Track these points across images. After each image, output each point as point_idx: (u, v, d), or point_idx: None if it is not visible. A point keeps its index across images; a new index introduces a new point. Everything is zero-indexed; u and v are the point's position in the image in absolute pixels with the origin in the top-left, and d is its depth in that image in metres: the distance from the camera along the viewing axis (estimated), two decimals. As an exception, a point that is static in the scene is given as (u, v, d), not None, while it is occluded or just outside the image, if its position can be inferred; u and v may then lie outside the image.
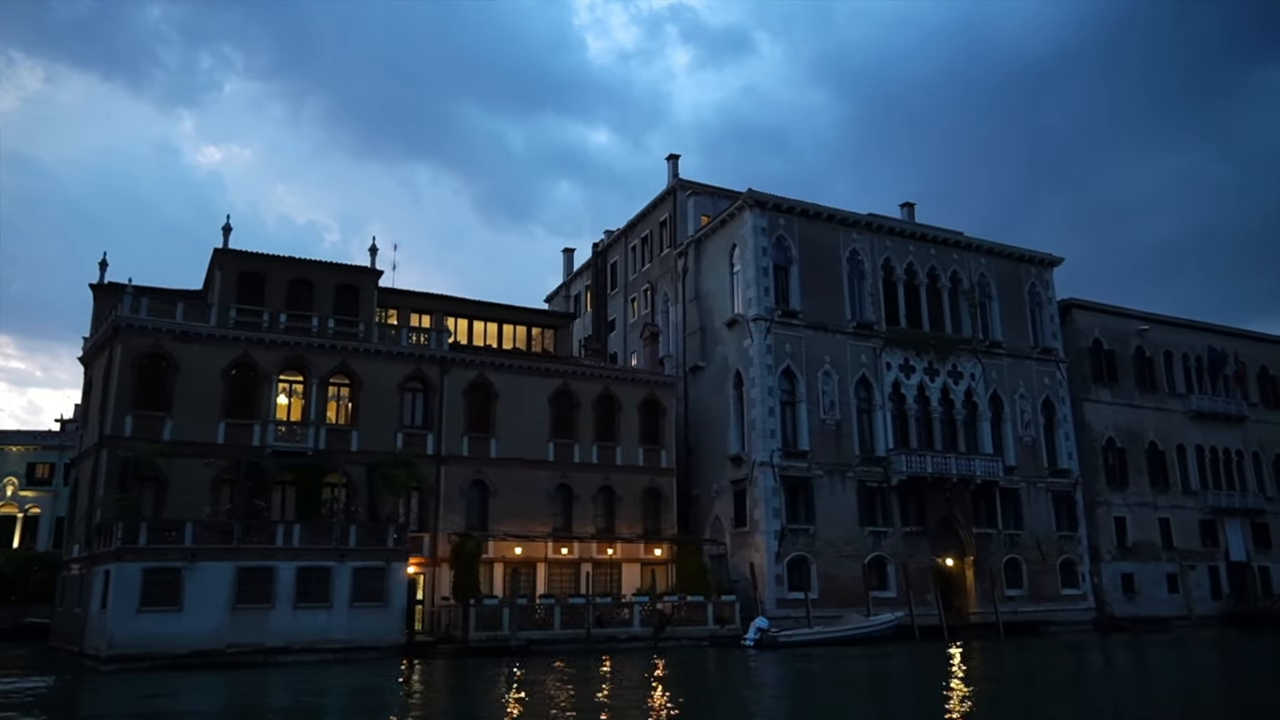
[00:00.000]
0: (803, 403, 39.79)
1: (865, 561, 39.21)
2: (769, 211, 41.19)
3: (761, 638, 33.91)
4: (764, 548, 37.54)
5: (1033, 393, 46.02)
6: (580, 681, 24.45)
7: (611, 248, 55.26)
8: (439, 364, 37.39)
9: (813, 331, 40.82)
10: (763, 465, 38.26)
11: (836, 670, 28.45)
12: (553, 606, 33.60)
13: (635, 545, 39.47)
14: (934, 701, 21.32)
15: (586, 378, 40.25)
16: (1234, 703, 21.39)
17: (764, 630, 34.11)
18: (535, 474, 38.29)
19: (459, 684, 24.50)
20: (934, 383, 43.20)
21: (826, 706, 20.57)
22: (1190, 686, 24.67)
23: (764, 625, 34.30)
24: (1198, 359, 53.08)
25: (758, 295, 40.06)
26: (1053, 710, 19.99)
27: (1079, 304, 49.86)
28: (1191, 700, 21.47)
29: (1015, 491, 43.99)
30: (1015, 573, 43.18)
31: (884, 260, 43.57)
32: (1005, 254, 47.20)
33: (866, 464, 40.45)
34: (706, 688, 23.45)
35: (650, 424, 41.39)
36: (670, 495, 41.08)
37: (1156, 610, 46.78)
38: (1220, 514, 50.94)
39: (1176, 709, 20.28)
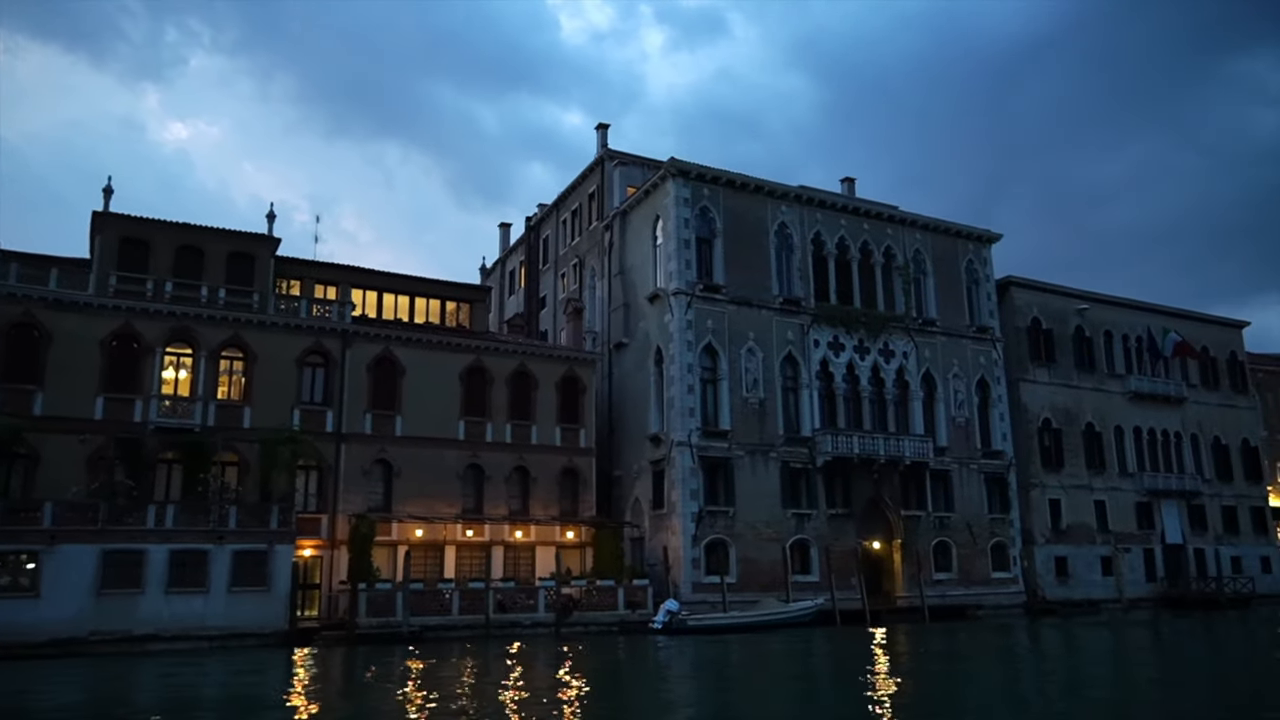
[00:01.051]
0: (724, 380, 38.40)
1: (787, 545, 38.01)
2: (692, 181, 39.63)
3: (670, 622, 32.64)
4: (680, 530, 36.21)
5: (967, 372, 44.96)
6: (451, 670, 22.98)
7: (544, 222, 53.57)
8: (341, 337, 35.59)
9: (736, 307, 39.39)
10: (681, 445, 36.88)
11: (739, 655, 27.27)
12: (451, 591, 32.09)
13: (550, 528, 38.02)
14: (830, 688, 20.15)
15: (501, 353, 38.59)
16: (1124, 682, 20.34)
17: (673, 614, 32.84)
18: (444, 453, 36.65)
19: (323, 673, 22.95)
20: (864, 361, 41.97)
21: (709, 693, 19.26)
22: (1092, 668, 23.64)
23: (673, 609, 33.02)
24: (1138, 339, 52.30)
25: (678, 268, 38.55)
26: (951, 692, 18.85)
27: (1018, 282, 48.83)
28: (1076, 679, 20.38)
29: (946, 473, 42.97)
30: (945, 556, 42.22)
31: (814, 234, 42.18)
32: (942, 229, 45.99)
33: (791, 444, 39.18)
34: (591, 673, 22.04)
35: (569, 402, 39.85)
36: (589, 476, 39.62)
37: (1090, 593, 46.11)
38: (1157, 496, 50.32)
39: (1068, 688, 19.16)
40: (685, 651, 28.08)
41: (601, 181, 46.13)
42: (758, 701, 18.01)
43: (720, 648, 29.04)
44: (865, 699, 17.66)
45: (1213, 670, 24.03)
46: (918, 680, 21.56)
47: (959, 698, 19.07)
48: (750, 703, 18.09)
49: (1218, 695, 18.92)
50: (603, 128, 47.15)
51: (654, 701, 18.71)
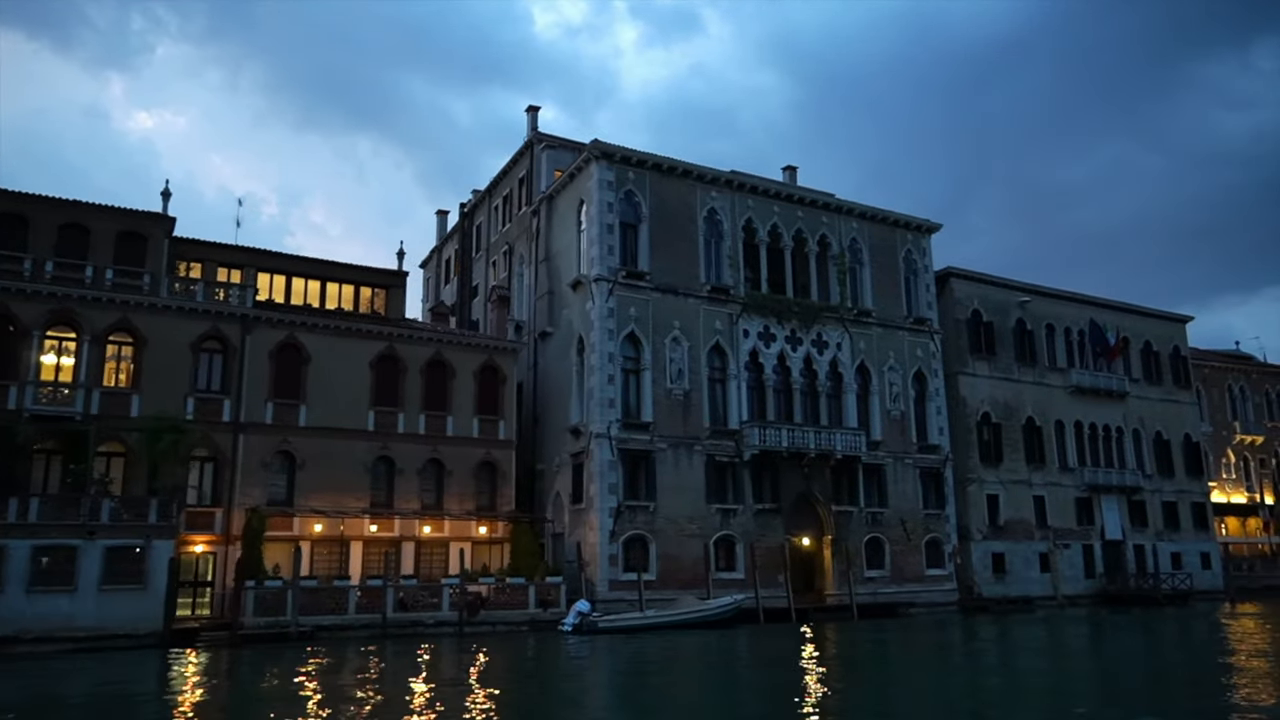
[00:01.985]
0: (647, 371, 37.04)
1: (711, 541, 36.75)
2: (617, 164, 38.21)
3: (581, 622, 31.25)
4: (598, 526, 34.82)
5: (904, 364, 43.92)
6: (327, 673, 21.42)
7: (478, 208, 51.96)
8: (241, 322, 33.81)
9: (662, 294, 38.04)
10: (599, 437, 35.48)
11: (647, 656, 25.96)
12: (347, 589, 30.49)
13: (466, 523, 36.50)
14: (730, 687, 18.88)
15: (415, 341, 36.98)
16: (1029, 678, 19.26)
17: (584, 614, 31.46)
18: (352, 444, 35.01)
19: (182, 677, 21.31)
20: (796, 352, 40.79)
21: (598, 696, 17.89)
22: (1009, 664, 22.59)
23: (584, 609, 31.64)
24: (1080, 332, 51.61)
25: (600, 254, 37.13)
26: (845, 690, 17.61)
27: (958, 273, 47.91)
28: (986, 676, 19.27)
29: (880, 467, 41.91)
30: (877, 552, 41.17)
31: (746, 221, 40.91)
32: (880, 218, 44.91)
33: (717, 437, 37.90)
34: (472, 677, 20.58)
35: (488, 393, 38.31)
36: (508, 469, 38.13)
37: (1027, 590, 45.29)
38: (1097, 491, 49.66)
39: (962, 687, 18.03)
40: (589, 653, 26.75)
41: (531, 166, 44.64)
42: (640, 706, 16.70)
43: (629, 648, 27.73)
44: (753, 699, 16.41)
45: (1110, 668, 23.05)
46: (812, 678, 20.35)
47: (847, 695, 17.86)
48: (630, 708, 16.77)
49: (1101, 692, 17.84)
50: (533, 110, 45.62)
51: (524, 708, 17.30)
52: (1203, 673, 22.09)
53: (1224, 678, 20.69)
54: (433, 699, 17.49)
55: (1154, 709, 16.65)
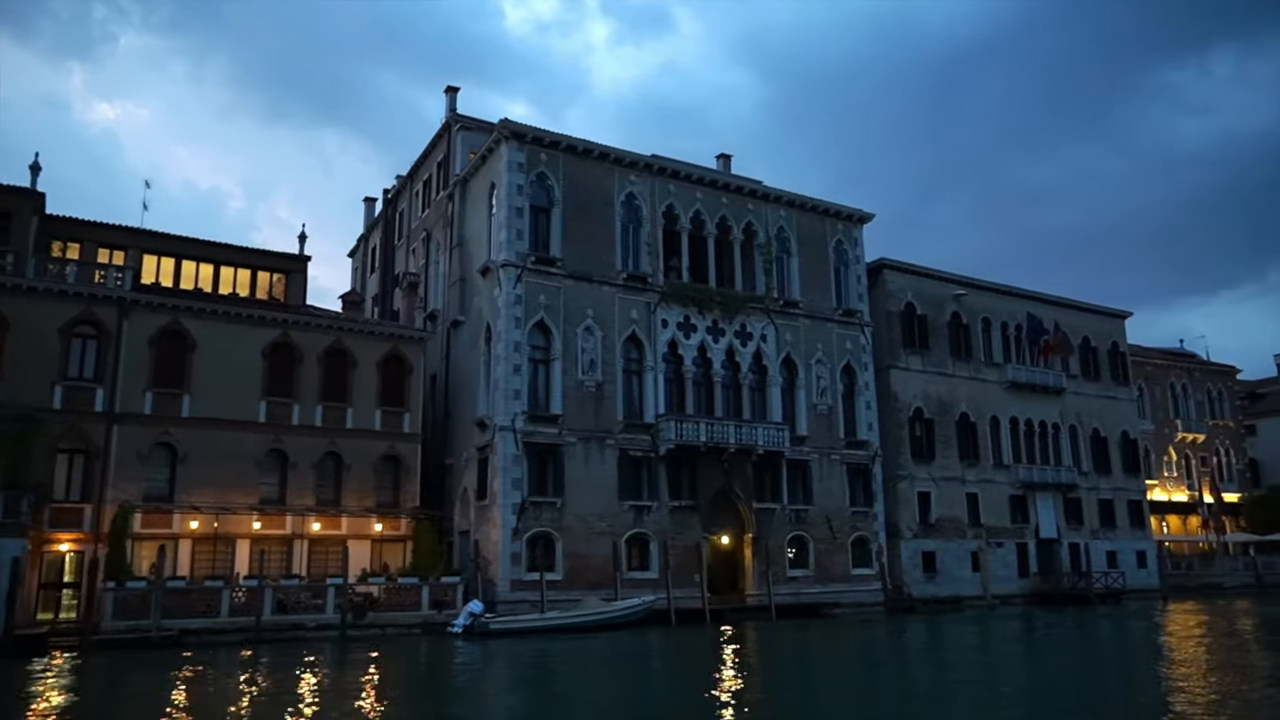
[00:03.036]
0: (557, 361, 35.41)
1: (623, 539, 35.21)
2: (529, 145, 36.53)
3: (473, 624, 29.58)
4: (500, 523, 33.13)
5: (832, 357, 42.64)
6: (161, 683, 19.59)
7: (401, 194, 50.05)
8: (118, 306, 31.73)
9: (574, 282, 36.41)
10: (503, 430, 33.80)
11: (537, 660, 24.45)
12: (220, 590, 28.56)
13: (365, 520, 34.68)
14: (608, 694, 17.30)
15: (312, 329, 35.07)
16: (907, 681, 17.91)
17: (476, 616, 29.78)
18: (241, 437, 33.05)
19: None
20: (718, 343, 39.34)
21: (453, 708, 16.21)
22: (894, 663, 21.26)
23: (476, 610, 29.96)
24: (1017, 327, 50.67)
25: (509, 239, 35.44)
26: (725, 692, 16.15)
27: (891, 265, 46.73)
28: (865, 676, 17.88)
29: (805, 463, 40.58)
30: (801, 551, 39.86)
31: (666, 207, 39.39)
32: (809, 207, 43.59)
33: (631, 431, 36.34)
34: (306, 687, 18.84)
35: (393, 384, 36.49)
36: (413, 464, 36.34)
37: (959, 590, 44.20)
38: (1032, 489, 48.73)
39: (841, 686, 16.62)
40: (473, 657, 25.15)
41: (448, 149, 42.83)
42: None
43: (521, 652, 26.13)
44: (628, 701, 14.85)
45: (1015, 669, 21.79)
46: (699, 679, 18.91)
47: (732, 698, 16.37)
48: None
49: (972, 695, 16.52)
50: (451, 91, 43.80)
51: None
52: (1106, 672, 20.88)
53: (1128, 676, 19.48)
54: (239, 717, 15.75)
55: (1044, 710, 15.34)
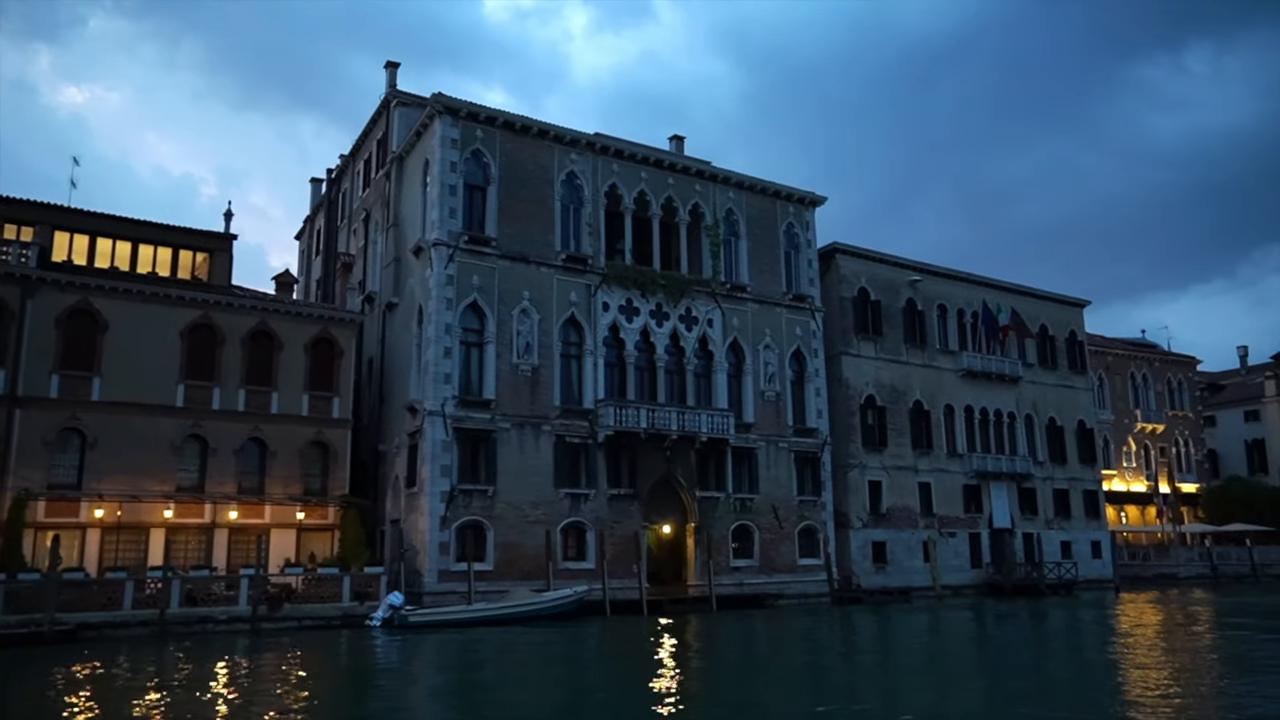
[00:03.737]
0: (491, 344, 34.22)
1: (558, 528, 34.14)
2: (463, 121, 35.23)
3: (392, 617, 28.43)
4: (428, 511, 31.96)
5: (781, 343, 41.68)
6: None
7: (344, 174, 48.54)
8: (21, 284, 30.21)
9: (511, 262, 35.21)
10: (433, 415, 32.59)
11: (457, 653, 23.50)
12: (123, 581, 27.21)
13: (290, 508, 33.42)
14: (516, 688, 16.24)
15: (235, 310, 33.67)
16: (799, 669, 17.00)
17: (395, 607, 28.63)
18: (157, 422, 31.65)
19: None
20: (662, 328, 38.27)
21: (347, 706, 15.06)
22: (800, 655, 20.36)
23: (396, 602, 28.82)
24: (974, 314, 49.94)
25: (441, 217, 34.17)
26: (626, 684, 15.15)
27: (845, 249, 45.81)
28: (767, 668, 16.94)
29: (751, 451, 39.63)
30: (746, 541, 38.95)
31: (609, 187, 38.23)
32: (759, 189, 42.54)
33: (569, 417, 35.25)
34: (207, 686, 17.65)
35: (322, 367, 35.17)
36: (343, 450, 35.08)
37: (910, 581, 43.49)
38: (986, 478, 48.09)
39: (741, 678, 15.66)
40: (389, 651, 24.07)
41: (387, 126, 41.42)
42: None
43: (441, 645, 25.12)
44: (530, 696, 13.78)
45: (940, 660, 20.96)
46: (617, 672, 17.87)
47: (648, 689, 15.37)
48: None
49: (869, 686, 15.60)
50: (392, 66, 42.37)
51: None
52: (1033, 662, 20.09)
53: (1055, 668, 18.66)
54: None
55: (954, 700, 14.42)
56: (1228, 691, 16.49)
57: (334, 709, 16.02)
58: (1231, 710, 14.55)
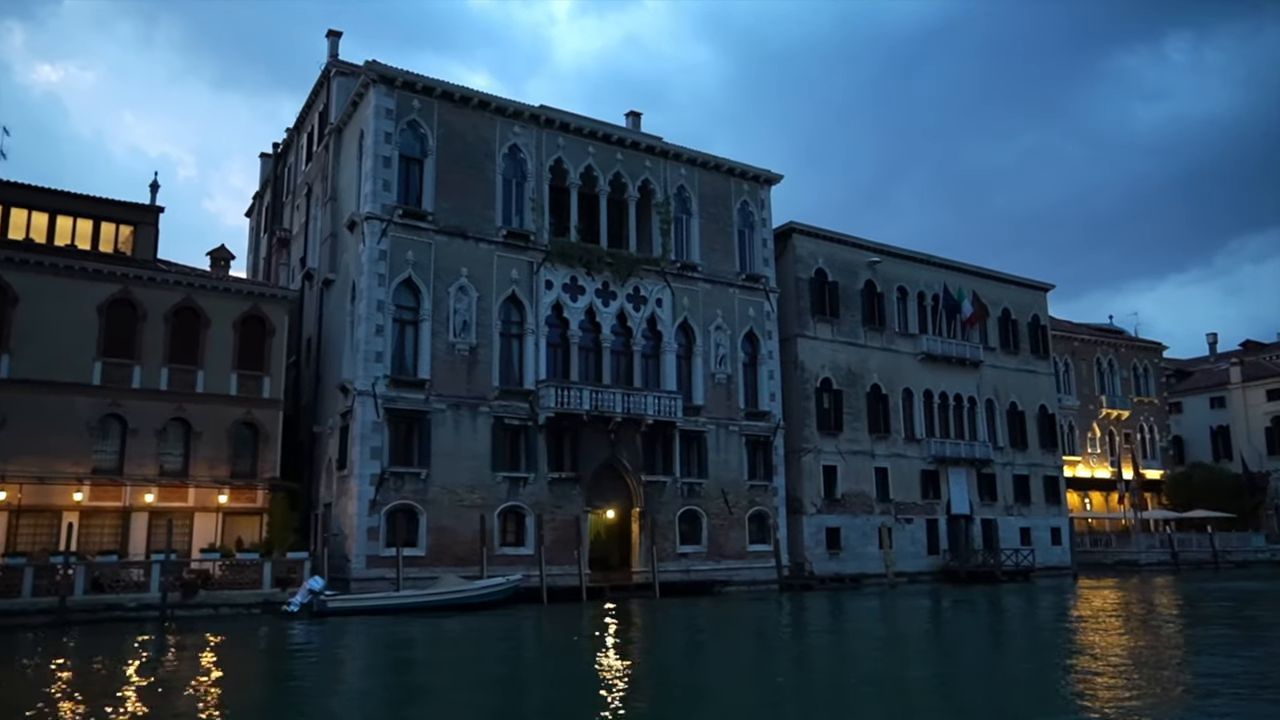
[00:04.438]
0: (427, 322, 33.00)
1: (496, 513, 33.07)
2: (399, 90, 33.87)
3: (311, 603, 27.32)
4: (357, 494, 30.80)
5: (733, 324, 40.67)
6: None
7: (289, 148, 47.02)
8: (-77, 255, 28.78)
9: (448, 238, 33.96)
10: (363, 395, 31.38)
11: (371, 642, 22.41)
12: (21, 568, 25.94)
13: (216, 491, 32.17)
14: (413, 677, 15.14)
15: (158, 285, 32.32)
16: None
17: (315, 594, 27.51)
18: (71, 401, 30.31)
19: None
20: (608, 307, 37.16)
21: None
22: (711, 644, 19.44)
23: (315, 588, 27.69)
24: (934, 297, 49.08)
25: (374, 190, 32.86)
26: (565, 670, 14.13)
27: (801, 229, 44.78)
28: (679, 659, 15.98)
29: (700, 435, 38.65)
30: (694, 526, 38.02)
31: (555, 161, 36.99)
32: (712, 166, 41.41)
33: (508, 398, 34.11)
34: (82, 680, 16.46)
35: (252, 345, 33.91)
36: (273, 432, 33.86)
37: (865, 567, 42.73)
38: (944, 464, 47.35)
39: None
40: (300, 639, 23.02)
41: (327, 97, 39.96)
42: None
43: (362, 633, 24.07)
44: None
45: (869, 645, 20.07)
46: (542, 660, 16.84)
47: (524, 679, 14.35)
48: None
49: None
50: (334, 35, 40.80)
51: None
52: (956, 647, 19.23)
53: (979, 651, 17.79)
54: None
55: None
56: (1151, 680, 15.69)
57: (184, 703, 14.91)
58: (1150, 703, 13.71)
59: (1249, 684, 15.31)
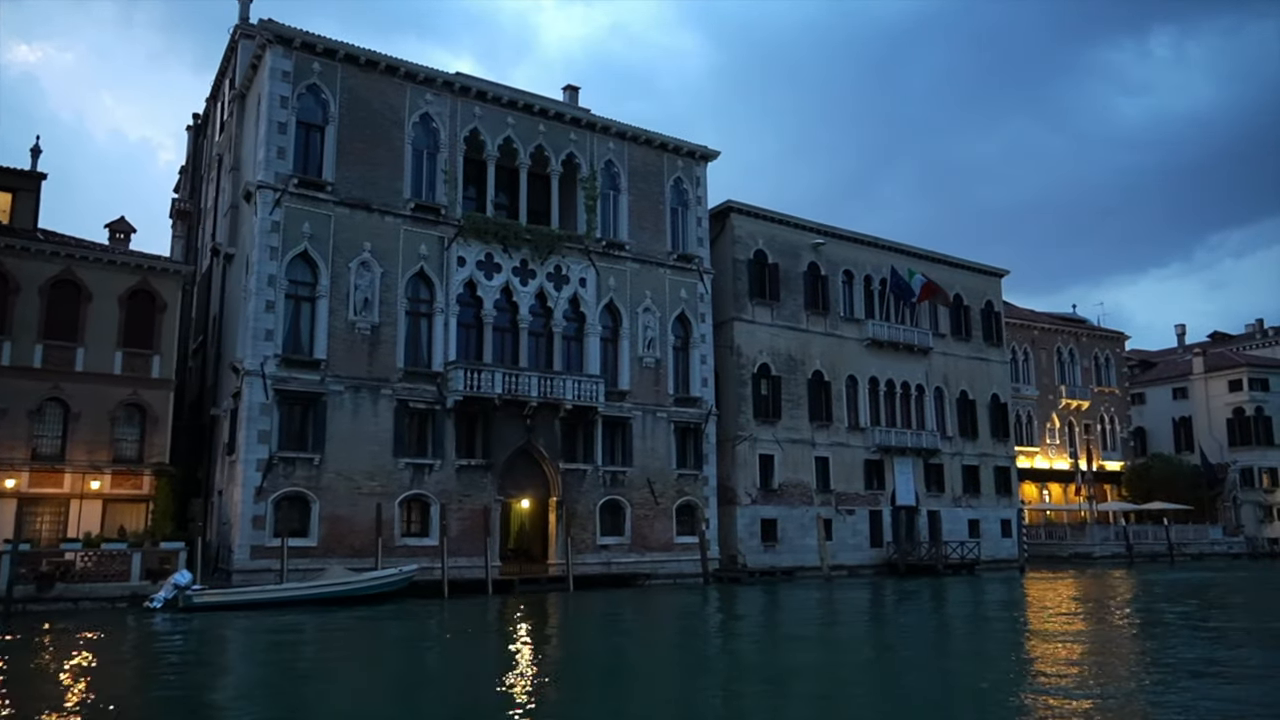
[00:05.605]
0: (324, 299, 31.04)
1: (397, 501, 31.23)
2: (297, 52, 31.83)
3: (177, 598, 25.42)
4: (242, 480, 28.89)
5: (663, 306, 38.87)
6: None
7: (209, 118, 44.85)
8: None
9: (350, 210, 31.98)
10: (251, 375, 29.44)
11: (225, 641, 20.56)
12: None
13: (95, 476, 30.21)
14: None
15: (33, 256, 30.24)
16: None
17: (180, 588, 25.59)
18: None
19: None
20: (526, 286, 35.30)
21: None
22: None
23: (182, 581, 25.75)
24: (882, 281, 47.42)
25: (268, 157, 30.84)
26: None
27: (740, 208, 42.98)
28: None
29: (625, 421, 36.90)
30: (616, 517, 36.29)
31: (470, 132, 35.04)
32: (643, 140, 39.52)
33: (414, 380, 32.23)
34: None
35: (140, 322, 31.91)
36: (163, 414, 31.93)
37: (802, 560, 41.16)
38: (889, 453, 45.76)
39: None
40: (155, 637, 21.19)
41: (235, 62, 37.80)
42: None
43: (227, 629, 22.26)
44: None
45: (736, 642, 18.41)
46: (402, 659, 15.03)
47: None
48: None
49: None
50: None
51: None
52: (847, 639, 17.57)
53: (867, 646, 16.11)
54: None
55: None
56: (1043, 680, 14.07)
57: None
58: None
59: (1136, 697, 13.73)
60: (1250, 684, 14.74)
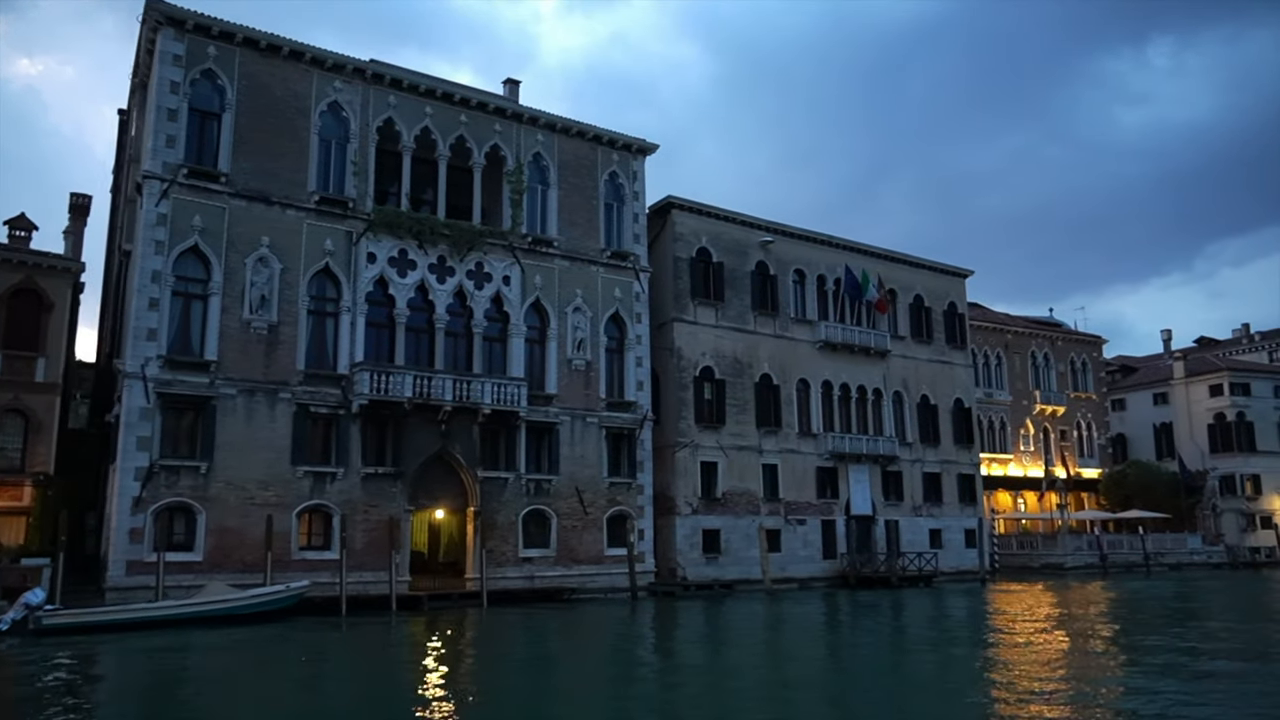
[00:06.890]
0: (216, 296, 29.15)
1: (294, 512, 29.28)
2: (190, 34, 30.06)
3: (26, 619, 23.44)
4: (118, 490, 26.96)
5: (595, 306, 36.98)
6: None
7: (132, 112, 43.04)
8: None
9: (247, 202, 30.12)
10: (131, 378, 27.53)
11: (62, 670, 18.54)
12: None
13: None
14: None
15: (-97, 251, 28.45)
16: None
17: (32, 608, 23.62)
18: None
19: None
20: (444, 284, 33.43)
21: None
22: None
23: (34, 601, 23.77)
24: (836, 281, 45.50)
25: (156, 146, 29.04)
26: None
27: (681, 204, 41.13)
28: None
29: (552, 426, 34.97)
30: (541, 528, 34.34)
31: (383, 121, 33.21)
32: (575, 132, 37.70)
33: (315, 383, 30.32)
34: None
35: (23, 322, 30.21)
36: (48, 420, 30.11)
37: (749, 572, 39.16)
38: (844, 460, 43.77)
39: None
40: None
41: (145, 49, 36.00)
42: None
43: (77, 655, 20.30)
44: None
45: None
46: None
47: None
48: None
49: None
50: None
51: None
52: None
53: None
54: None
55: None
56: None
57: None
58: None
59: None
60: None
